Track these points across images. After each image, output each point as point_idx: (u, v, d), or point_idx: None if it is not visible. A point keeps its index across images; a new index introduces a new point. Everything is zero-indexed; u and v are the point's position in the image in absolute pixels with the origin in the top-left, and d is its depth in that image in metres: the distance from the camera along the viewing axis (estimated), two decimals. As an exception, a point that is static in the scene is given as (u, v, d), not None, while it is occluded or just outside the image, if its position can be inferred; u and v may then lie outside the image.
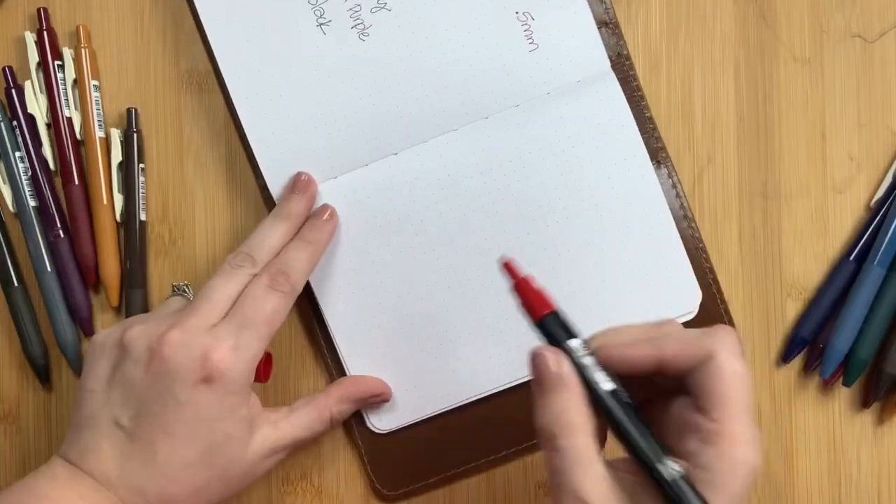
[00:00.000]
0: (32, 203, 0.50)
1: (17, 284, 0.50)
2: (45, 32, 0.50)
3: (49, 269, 0.50)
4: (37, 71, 0.50)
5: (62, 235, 0.50)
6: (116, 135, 0.50)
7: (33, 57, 0.50)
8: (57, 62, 0.50)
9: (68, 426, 0.44)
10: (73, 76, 0.50)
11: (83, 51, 0.50)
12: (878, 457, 0.50)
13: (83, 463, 0.42)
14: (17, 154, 0.50)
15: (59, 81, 0.50)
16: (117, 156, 0.50)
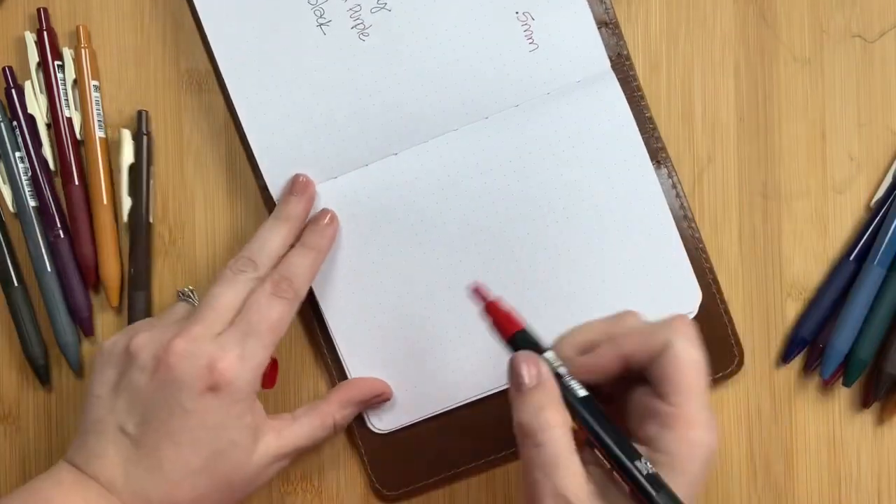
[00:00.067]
0: (32, 203, 0.50)
1: (17, 284, 0.50)
2: (45, 32, 0.50)
3: (49, 270, 0.50)
4: (37, 71, 0.50)
5: (62, 235, 0.50)
6: (126, 136, 0.50)
7: (33, 57, 0.50)
8: (57, 62, 0.50)
9: (75, 431, 0.44)
10: (73, 76, 0.50)
11: (83, 51, 0.50)
12: (878, 457, 0.50)
13: (89, 468, 0.42)
14: (17, 154, 0.50)
15: (59, 81, 0.50)
16: (128, 156, 0.50)
